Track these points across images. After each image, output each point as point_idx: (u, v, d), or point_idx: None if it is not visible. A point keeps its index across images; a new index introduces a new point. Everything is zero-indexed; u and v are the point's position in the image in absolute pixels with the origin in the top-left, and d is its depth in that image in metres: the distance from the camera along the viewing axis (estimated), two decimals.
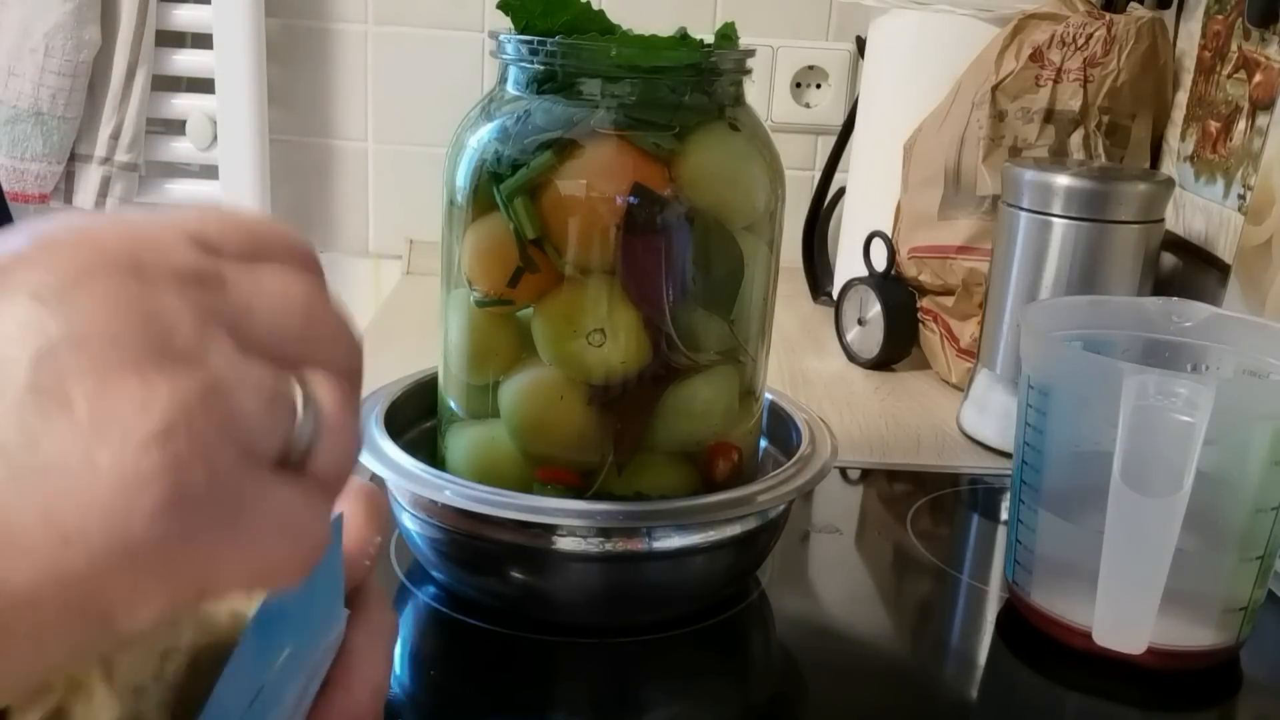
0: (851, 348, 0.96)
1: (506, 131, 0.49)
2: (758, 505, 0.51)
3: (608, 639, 0.52)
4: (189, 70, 1.17)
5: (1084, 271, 0.74)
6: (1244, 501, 0.49)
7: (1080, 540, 0.51)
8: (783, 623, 0.56)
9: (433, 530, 0.52)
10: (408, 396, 0.59)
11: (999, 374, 0.78)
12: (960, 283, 0.88)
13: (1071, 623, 0.52)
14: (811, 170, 1.19)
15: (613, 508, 0.49)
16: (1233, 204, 0.81)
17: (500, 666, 0.51)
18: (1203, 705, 0.52)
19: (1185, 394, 0.45)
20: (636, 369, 0.49)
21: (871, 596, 0.59)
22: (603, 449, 0.51)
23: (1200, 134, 0.87)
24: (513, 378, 0.52)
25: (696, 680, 0.51)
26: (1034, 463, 0.53)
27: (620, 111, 0.48)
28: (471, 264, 0.51)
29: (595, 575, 0.51)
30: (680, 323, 0.49)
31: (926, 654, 0.55)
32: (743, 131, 0.51)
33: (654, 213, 0.48)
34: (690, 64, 0.49)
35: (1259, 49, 0.80)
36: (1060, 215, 0.74)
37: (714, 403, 0.52)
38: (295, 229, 0.26)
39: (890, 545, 0.65)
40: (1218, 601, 0.51)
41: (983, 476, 0.73)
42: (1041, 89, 0.87)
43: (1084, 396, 0.52)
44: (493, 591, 0.52)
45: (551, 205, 0.48)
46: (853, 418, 0.83)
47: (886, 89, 1.00)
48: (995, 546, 0.65)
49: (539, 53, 0.49)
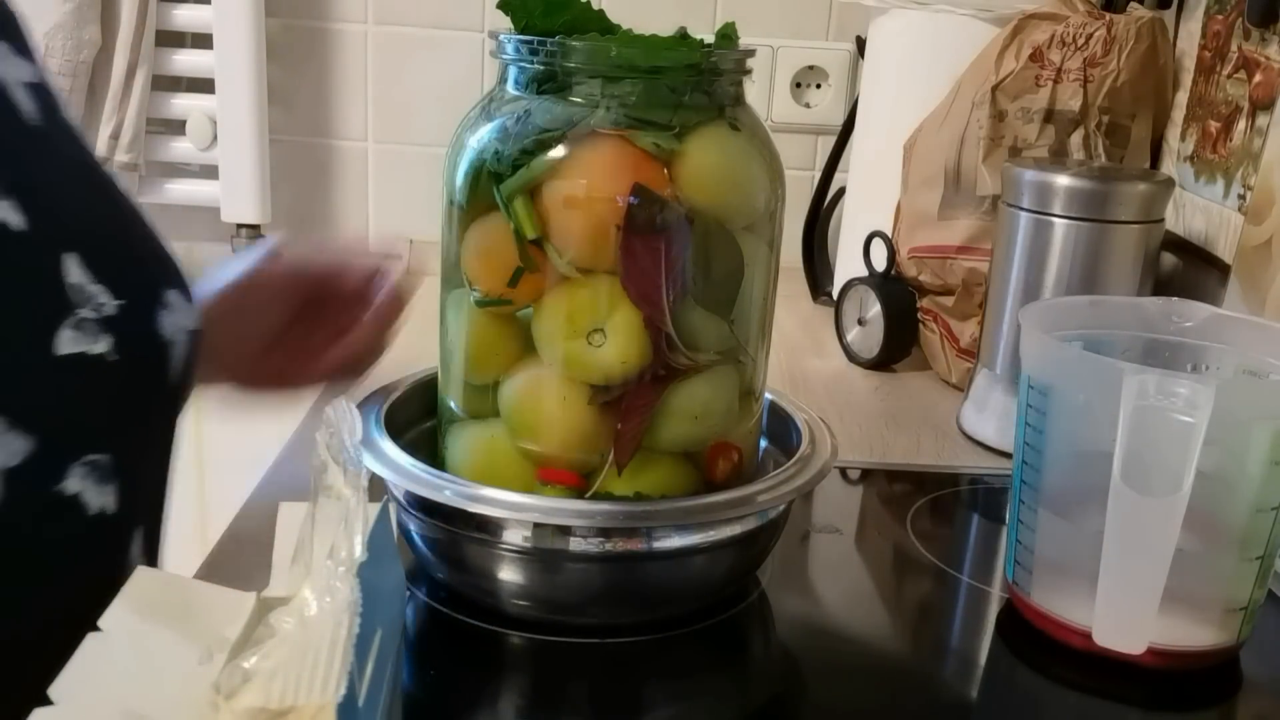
0: (851, 348, 0.96)
1: (506, 131, 0.49)
2: (758, 505, 0.51)
3: (608, 639, 0.52)
4: (189, 70, 1.17)
5: (1084, 271, 0.74)
6: (1244, 501, 0.49)
7: (1080, 540, 0.51)
8: (783, 623, 0.56)
9: (433, 530, 0.52)
10: (408, 396, 0.59)
11: (999, 374, 0.78)
12: (960, 283, 0.88)
13: (1071, 623, 0.52)
14: (811, 170, 1.19)
15: (613, 508, 0.49)
16: (1233, 204, 0.81)
17: (500, 666, 0.51)
18: (1203, 705, 0.52)
19: (1185, 394, 0.45)
20: (636, 369, 0.49)
21: (871, 596, 0.59)
22: (603, 449, 0.51)
23: (1200, 134, 0.87)
24: (513, 378, 0.52)
25: (696, 680, 0.51)
26: (1034, 463, 0.53)
27: (620, 111, 0.48)
28: (471, 264, 0.51)
29: (595, 575, 0.51)
30: (680, 323, 0.49)
31: (926, 654, 0.55)
32: (743, 131, 0.51)
33: (654, 213, 0.48)
34: (690, 64, 0.49)
35: (1259, 49, 0.80)
36: (1060, 215, 0.74)
37: (714, 403, 0.52)
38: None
39: (890, 545, 0.65)
40: (1218, 601, 0.51)
41: (983, 476, 0.73)
42: (1041, 89, 0.87)
43: (1084, 396, 0.52)
44: (492, 591, 0.52)
45: (551, 205, 0.48)
46: (853, 418, 0.83)
47: (886, 89, 1.00)
48: (995, 546, 0.65)
49: (539, 53, 0.49)
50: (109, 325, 0.44)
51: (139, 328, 0.46)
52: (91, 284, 0.44)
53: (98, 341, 0.43)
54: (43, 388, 0.42)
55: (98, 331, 0.43)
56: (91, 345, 0.43)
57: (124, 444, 0.45)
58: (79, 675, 0.26)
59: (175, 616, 0.29)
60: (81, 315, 0.43)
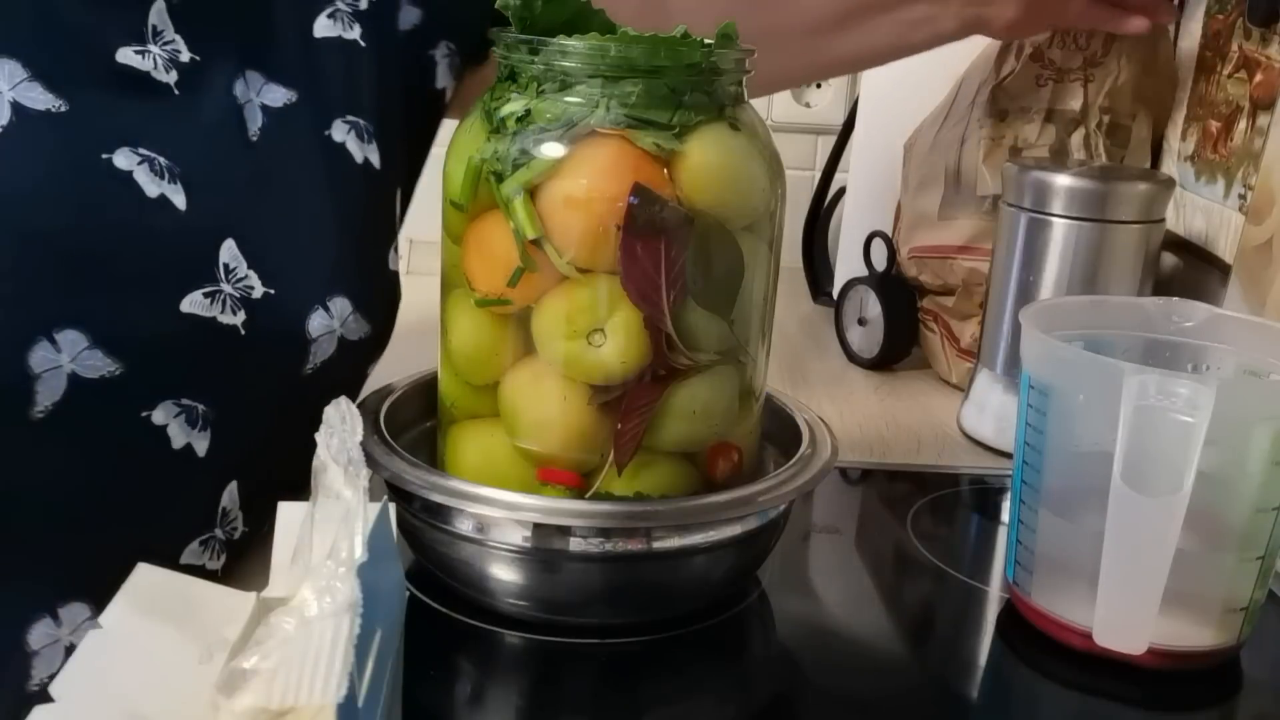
0: (851, 348, 0.96)
1: (506, 131, 0.49)
2: (758, 505, 0.51)
3: (608, 639, 0.52)
4: None
5: (1084, 271, 0.74)
6: (1244, 502, 0.49)
7: (1080, 540, 0.51)
8: (783, 623, 0.56)
9: (433, 530, 0.52)
10: (408, 396, 0.59)
11: (999, 374, 0.78)
12: (960, 283, 0.88)
13: (1071, 623, 0.52)
14: (811, 170, 1.19)
15: (613, 508, 0.49)
16: (1233, 204, 0.81)
17: (500, 667, 0.51)
18: (1203, 705, 0.52)
19: (1186, 394, 0.45)
20: (636, 369, 0.49)
21: (871, 596, 0.59)
22: (603, 449, 0.51)
23: (1201, 134, 0.87)
24: (513, 378, 0.52)
25: (696, 680, 0.51)
26: (1034, 463, 0.53)
27: (620, 111, 0.48)
28: (471, 264, 0.51)
29: (595, 575, 0.51)
30: (680, 323, 0.49)
31: (926, 654, 0.55)
32: (743, 131, 0.51)
33: (654, 213, 0.48)
34: (690, 64, 0.49)
35: (1259, 49, 0.80)
36: (1060, 215, 0.74)
37: (714, 403, 0.52)
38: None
39: (890, 545, 0.65)
40: (1218, 602, 0.51)
41: (983, 476, 0.73)
42: (1042, 88, 0.87)
43: (1084, 396, 0.52)
44: (492, 591, 0.52)
45: (551, 205, 0.48)
46: (853, 418, 0.83)
47: (886, 89, 1.00)
48: (995, 546, 0.65)
49: (539, 53, 0.49)
50: (247, 305, 0.51)
51: (281, 316, 0.52)
52: (245, 268, 0.51)
53: (230, 314, 0.50)
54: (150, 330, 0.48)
55: (235, 306, 0.50)
56: (222, 314, 0.50)
57: (231, 404, 0.51)
58: (80, 673, 0.26)
59: (176, 615, 0.29)
60: (223, 289, 0.50)
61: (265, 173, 0.53)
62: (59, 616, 0.48)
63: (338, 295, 0.55)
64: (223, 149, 0.52)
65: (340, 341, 0.55)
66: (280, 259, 0.53)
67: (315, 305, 0.54)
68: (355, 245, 0.57)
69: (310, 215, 0.55)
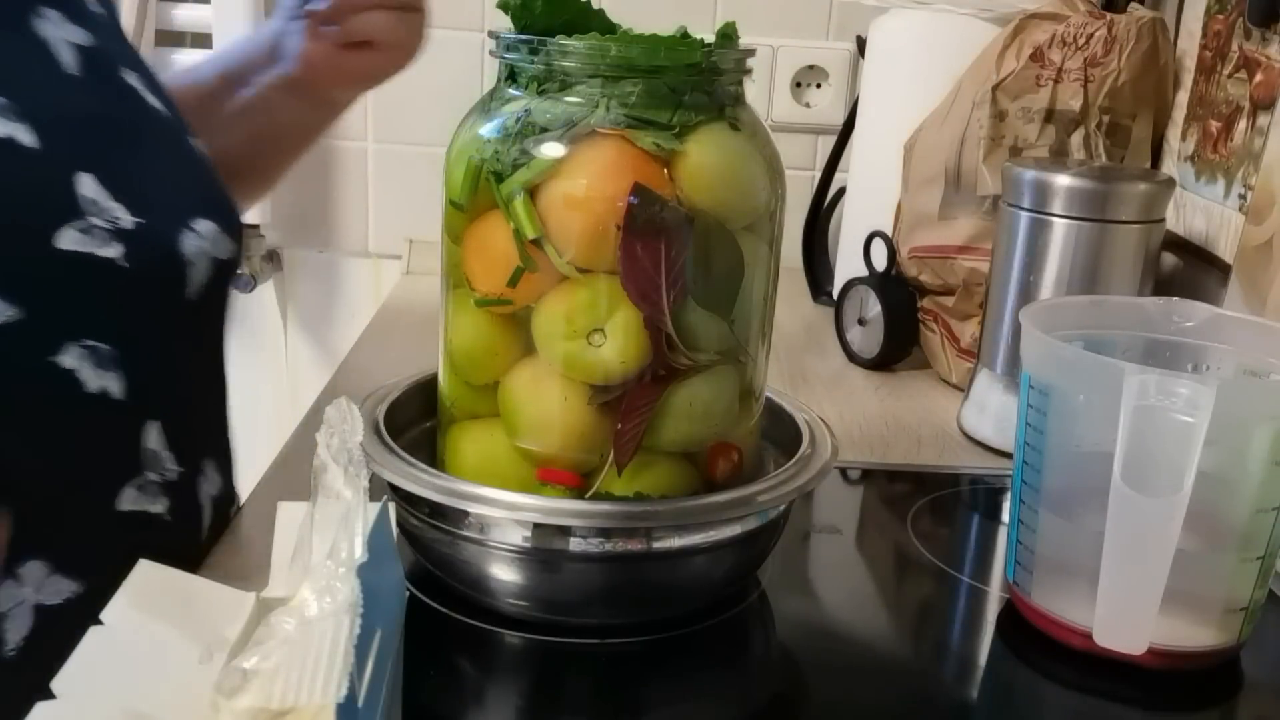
0: (851, 348, 0.96)
1: (506, 131, 0.49)
2: (758, 505, 0.51)
3: (608, 639, 0.52)
4: None
5: (1084, 271, 0.74)
6: (1245, 501, 0.49)
7: (1080, 540, 0.51)
8: (783, 623, 0.56)
9: (433, 530, 0.52)
10: (408, 396, 0.59)
11: (999, 374, 0.78)
12: (960, 283, 0.88)
13: (1071, 623, 0.52)
14: (811, 170, 1.19)
15: (613, 508, 0.49)
16: (1233, 204, 0.81)
17: (500, 667, 0.51)
18: (1203, 705, 0.52)
19: (1186, 394, 0.45)
20: (636, 369, 0.49)
21: (871, 596, 0.59)
22: (603, 449, 0.51)
23: (1201, 134, 0.87)
24: (513, 378, 0.52)
25: (696, 680, 0.51)
26: (1034, 463, 0.53)
27: (620, 111, 0.48)
28: (471, 264, 0.51)
29: (595, 575, 0.51)
30: (680, 323, 0.49)
31: (926, 654, 0.55)
32: (743, 131, 0.51)
33: (654, 213, 0.48)
34: (690, 64, 0.49)
35: (1260, 49, 0.80)
36: (1060, 215, 0.74)
37: (714, 403, 0.52)
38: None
39: (890, 545, 0.65)
40: (1218, 602, 0.51)
41: (983, 476, 0.73)
42: (1042, 89, 0.86)
43: (1084, 396, 0.52)
44: (492, 591, 0.52)
45: (551, 205, 0.48)
46: (853, 418, 0.83)
47: (886, 89, 1.00)
48: (995, 546, 0.65)
49: (539, 53, 0.49)
50: (121, 236, 0.51)
51: (155, 243, 0.53)
52: (109, 200, 0.51)
53: (106, 247, 0.50)
54: (33, 270, 0.48)
55: (108, 239, 0.50)
56: (99, 248, 0.50)
57: (131, 341, 0.52)
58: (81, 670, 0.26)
59: (176, 613, 0.29)
60: (93, 222, 0.50)
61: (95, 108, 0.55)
62: (19, 576, 0.48)
63: (200, 217, 0.56)
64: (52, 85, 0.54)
65: (213, 263, 0.56)
66: (141, 188, 0.54)
67: (182, 229, 0.55)
68: (205, 168, 0.60)
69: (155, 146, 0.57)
